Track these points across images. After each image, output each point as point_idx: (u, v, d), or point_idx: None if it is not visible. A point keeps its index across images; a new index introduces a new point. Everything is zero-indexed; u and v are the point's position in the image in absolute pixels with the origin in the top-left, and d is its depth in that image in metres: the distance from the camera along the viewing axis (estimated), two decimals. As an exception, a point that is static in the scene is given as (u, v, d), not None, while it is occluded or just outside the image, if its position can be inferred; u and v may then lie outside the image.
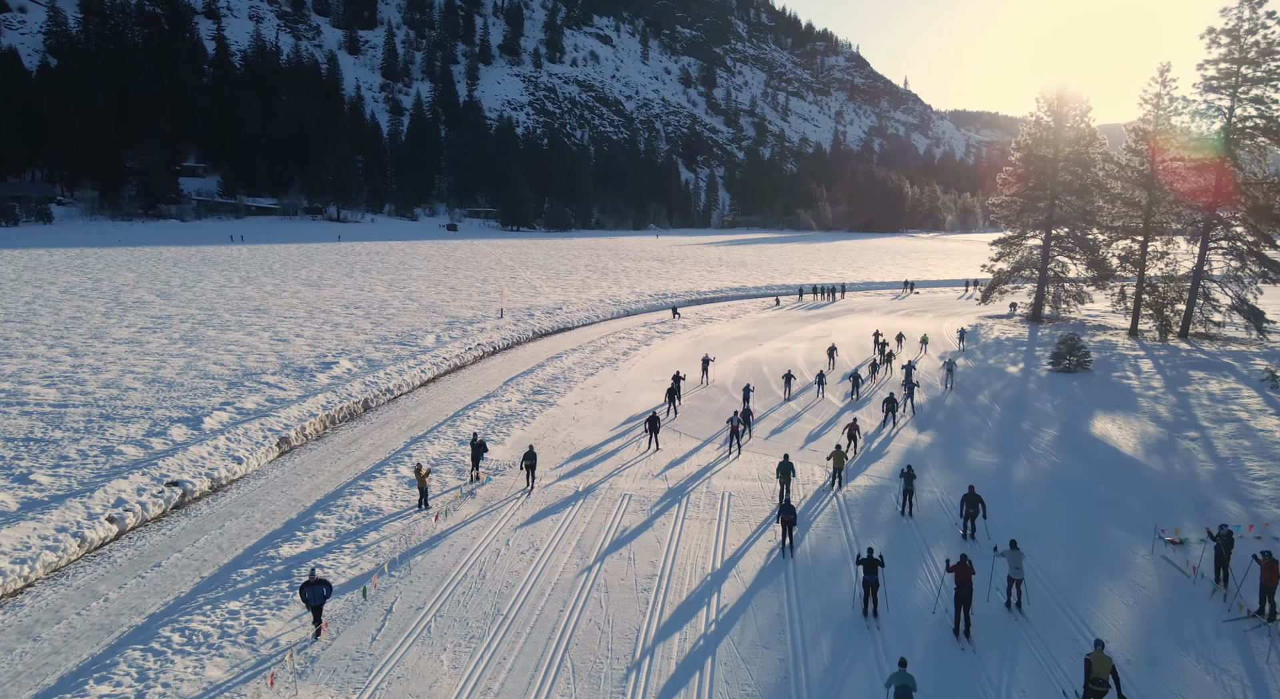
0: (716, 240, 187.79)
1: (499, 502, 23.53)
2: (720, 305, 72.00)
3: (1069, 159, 58.53)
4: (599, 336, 52.49)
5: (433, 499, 23.48)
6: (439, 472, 25.81)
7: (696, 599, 17.68)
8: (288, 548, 19.90)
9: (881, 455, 27.99)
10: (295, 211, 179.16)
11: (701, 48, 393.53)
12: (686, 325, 57.75)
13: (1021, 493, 24.17)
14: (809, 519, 22.33)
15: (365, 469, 26.34)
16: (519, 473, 25.84)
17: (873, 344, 47.99)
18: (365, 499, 23.27)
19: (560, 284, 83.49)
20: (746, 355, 45.79)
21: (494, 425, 31.31)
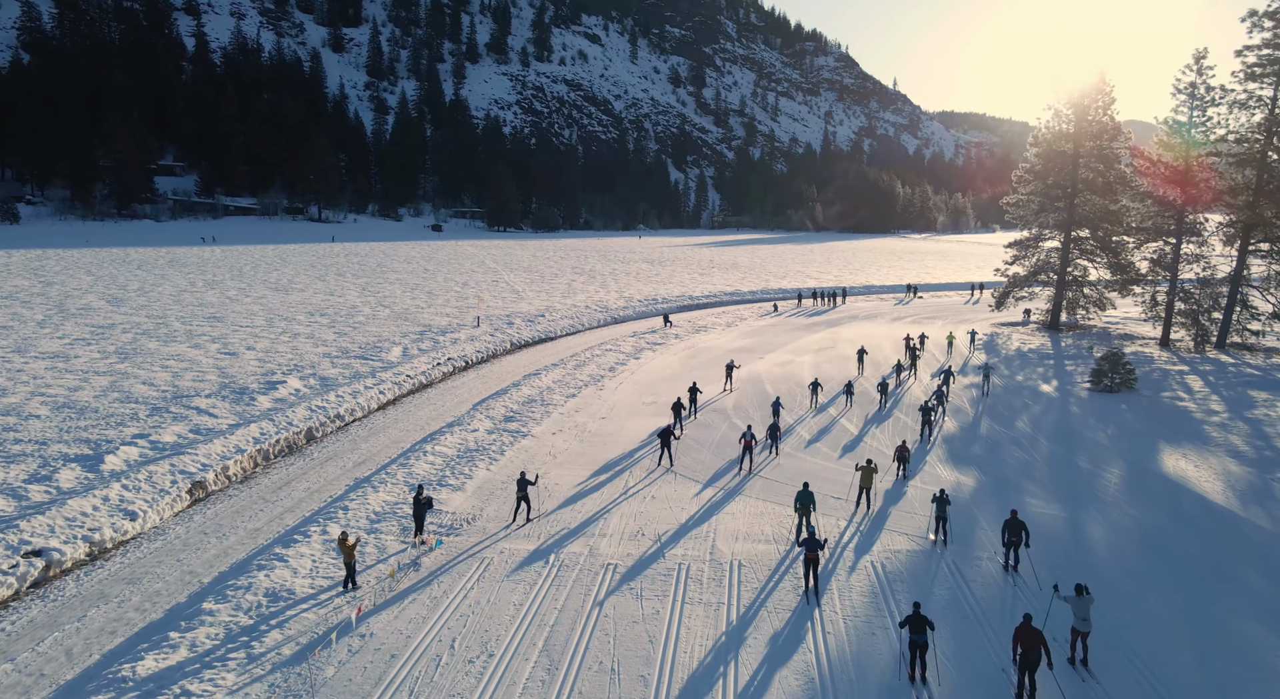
0: (707, 241, 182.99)
1: (450, 572, 18.48)
2: (714, 311, 67.05)
3: (1091, 154, 53.88)
4: (584, 348, 47.45)
5: (365, 572, 18.44)
6: (379, 532, 20.69)
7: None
8: (153, 659, 14.67)
9: (908, 494, 23.10)
10: (275, 212, 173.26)
11: (690, 47, 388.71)
12: (679, 335, 52.79)
13: (1105, 562, 19.11)
14: (831, 559, 17.52)
15: (290, 525, 21.23)
16: (482, 526, 20.89)
17: (904, 347, 45.29)
18: (277, 575, 18.09)
19: (544, 288, 78.39)
20: (748, 371, 40.81)
21: (454, 464, 26.20)
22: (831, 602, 17.10)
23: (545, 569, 18.70)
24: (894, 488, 24.27)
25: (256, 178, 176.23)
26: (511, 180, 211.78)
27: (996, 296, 59.62)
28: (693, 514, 22.13)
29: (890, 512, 22.33)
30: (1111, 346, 47.94)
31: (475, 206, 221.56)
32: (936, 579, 18.21)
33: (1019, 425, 31.07)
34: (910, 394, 36.79)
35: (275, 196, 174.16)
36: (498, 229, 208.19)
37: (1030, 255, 57.88)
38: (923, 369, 42.37)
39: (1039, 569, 18.20)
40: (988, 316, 63.11)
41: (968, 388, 37.70)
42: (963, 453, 27.79)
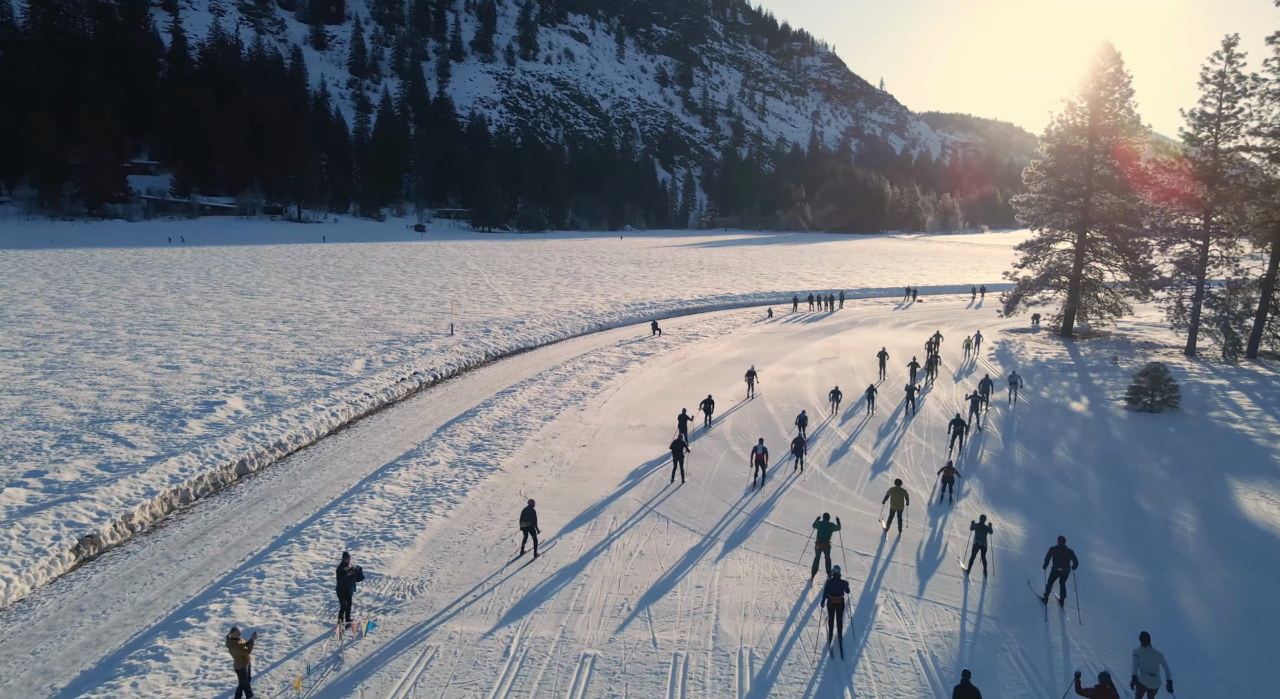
0: (695, 242, 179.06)
1: (380, 671, 14.28)
2: (705, 317, 62.96)
3: (1108, 150, 50.13)
4: (565, 360, 43.22)
5: (270, 673, 14.20)
6: (298, 611, 16.34)
7: None
8: None
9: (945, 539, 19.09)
10: (253, 211, 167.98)
11: (678, 47, 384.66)
12: (668, 344, 48.64)
13: (1212, 647, 15.07)
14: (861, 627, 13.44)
15: (190, 598, 16.94)
16: (430, 597, 16.80)
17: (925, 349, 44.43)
18: (150, 683, 13.78)
19: (526, 291, 74.11)
20: (745, 387, 36.76)
21: (405, 509, 21.94)
22: (865, 677, 13.08)
23: (504, 664, 14.50)
24: (935, 517, 20.26)
25: (234, 177, 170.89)
26: (496, 180, 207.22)
27: (1006, 301, 55.79)
28: (690, 579, 17.99)
29: (924, 557, 18.28)
30: (1134, 356, 44.24)
31: (460, 207, 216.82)
32: (983, 642, 14.18)
33: (1059, 454, 27.12)
34: (933, 403, 32.91)
35: (253, 196, 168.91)
36: (482, 229, 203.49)
37: (1041, 258, 54.11)
38: (944, 374, 38.58)
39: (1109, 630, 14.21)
40: (995, 322, 59.31)
41: (991, 405, 33.79)
42: (1001, 490, 23.82)
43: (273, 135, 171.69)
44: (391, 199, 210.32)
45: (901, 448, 28.04)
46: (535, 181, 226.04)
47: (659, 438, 28.55)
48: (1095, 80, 50.04)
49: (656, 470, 25.21)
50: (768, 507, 22.48)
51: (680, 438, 25.09)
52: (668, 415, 31.56)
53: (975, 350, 46.34)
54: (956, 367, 42.97)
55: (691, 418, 28.79)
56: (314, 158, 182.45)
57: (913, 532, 20.48)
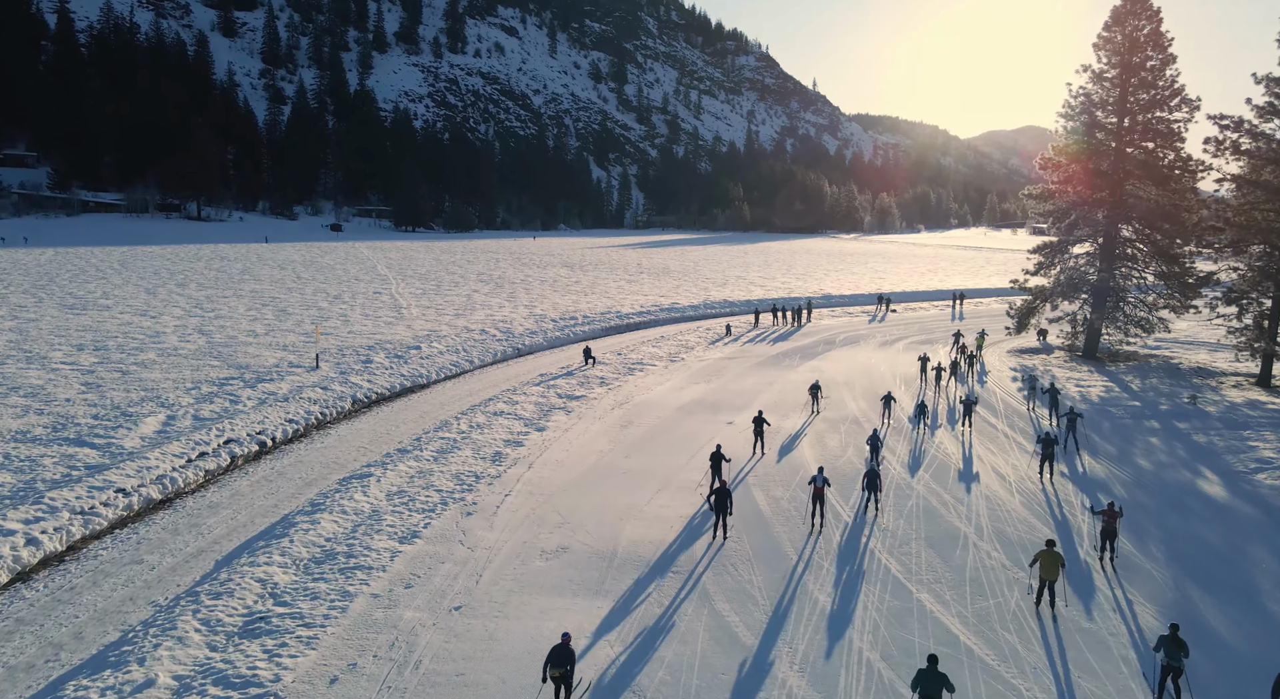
0: (632, 242, 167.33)
1: None
2: (651, 336, 51.04)
3: (1146, 129, 39.98)
4: (462, 409, 30.68)
5: None
6: None
7: None
8: None
9: None
10: (145, 208, 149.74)
11: (611, 43, 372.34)
12: (605, 379, 36.45)
13: None
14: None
15: None
16: None
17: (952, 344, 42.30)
18: None
19: (436, 303, 61.14)
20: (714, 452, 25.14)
21: None
22: None
23: None
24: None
25: (125, 171, 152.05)
26: (421, 176, 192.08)
27: (1015, 314, 45.18)
28: None
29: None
30: (1203, 390, 34.01)
31: (383, 205, 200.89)
32: None
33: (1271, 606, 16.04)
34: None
35: (147, 191, 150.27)
36: (405, 229, 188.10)
37: (1056, 262, 43.78)
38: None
39: None
40: (997, 341, 48.87)
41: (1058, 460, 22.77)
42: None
43: (170, 126, 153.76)
44: (307, 196, 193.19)
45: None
46: (463, 179, 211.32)
47: (593, 571, 16.68)
48: (1128, 41, 39.81)
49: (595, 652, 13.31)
50: (845, 616, 10.78)
51: (719, 483, 19.81)
52: (607, 515, 19.70)
53: (976, 361, 38.77)
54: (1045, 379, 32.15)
55: (729, 460, 22.24)
56: (218, 150, 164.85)
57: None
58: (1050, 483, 22.70)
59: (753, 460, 24.82)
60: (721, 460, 21.44)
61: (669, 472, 23.47)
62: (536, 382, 35.58)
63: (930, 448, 26.15)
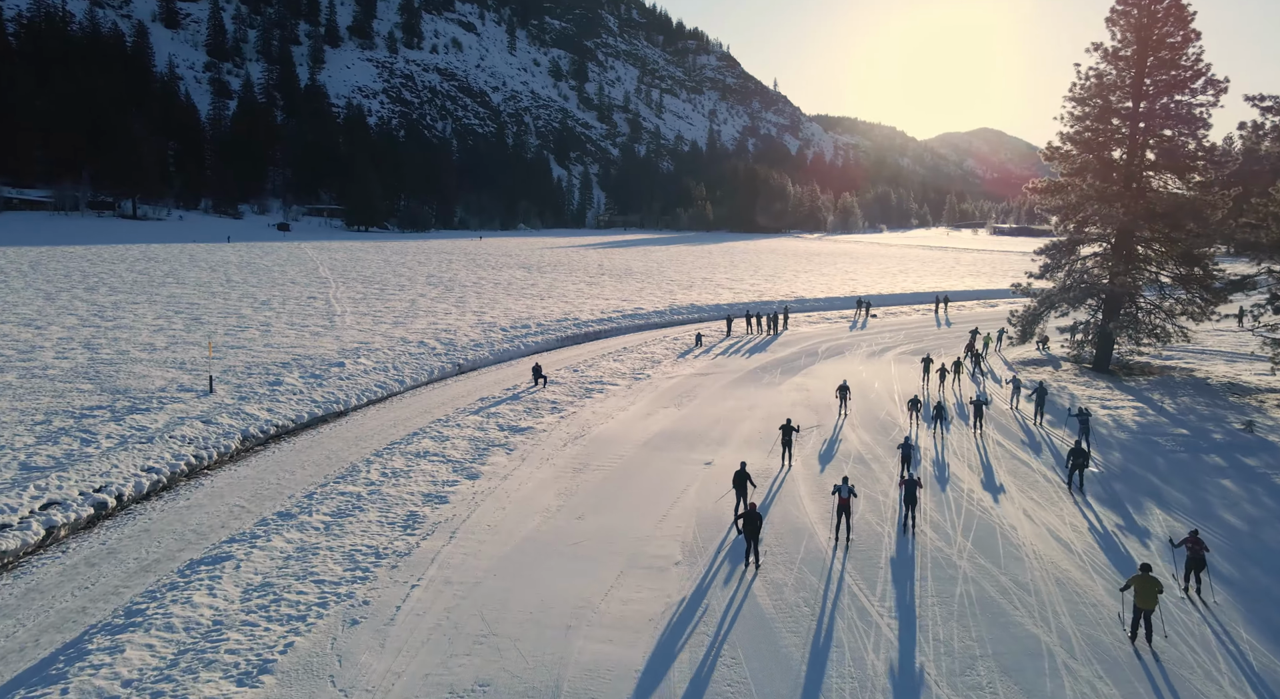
0: (594, 242, 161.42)
1: None
2: (612, 347, 45.41)
3: (1168, 115, 35.37)
4: (375, 451, 24.60)
5: None
6: None
7: None
8: None
9: None
10: (75, 206, 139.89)
11: (572, 40, 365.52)
12: (557, 404, 30.69)
13: None
14: None
15: None
16: None
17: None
18: None
19: (376, 309, 54.86)
20: (693, 516, 19.70)
21: None
22: None
23: None
24: None
25: (55, 166, 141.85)
26: (375, 174, 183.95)
27: (1018, 322, 40.22)
28: None
29: None
30: (1245, 413, 29.37)
31: (335, 203, 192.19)
32: None
33: None
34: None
35: (78, 188, 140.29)
36: (358, 229, 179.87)
37: (1064, 264, 39.03)
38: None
39: None
40: (992, 350, 44.12)
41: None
42: None
43: (105, 119, 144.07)
44: (254, 194, 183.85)
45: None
46: (420, 177, 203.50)
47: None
48: (1145, 15, 35.14)
49: None
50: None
51: (748, 506, 17.00)
52: (549, 618, 14.06)
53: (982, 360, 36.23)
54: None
55: (755, 486, 19.85)
56: (156, 145, 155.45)
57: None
58: (1119, 541, 17.60)
59: (781, 474, 21.49)
60: (747, 481, 18.89)
61: (635, 541, 17.88)
62: (475, 408, 29.68)
63: (960, 495, 20.92)
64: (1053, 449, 25.64)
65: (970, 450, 25.31)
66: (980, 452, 25.10)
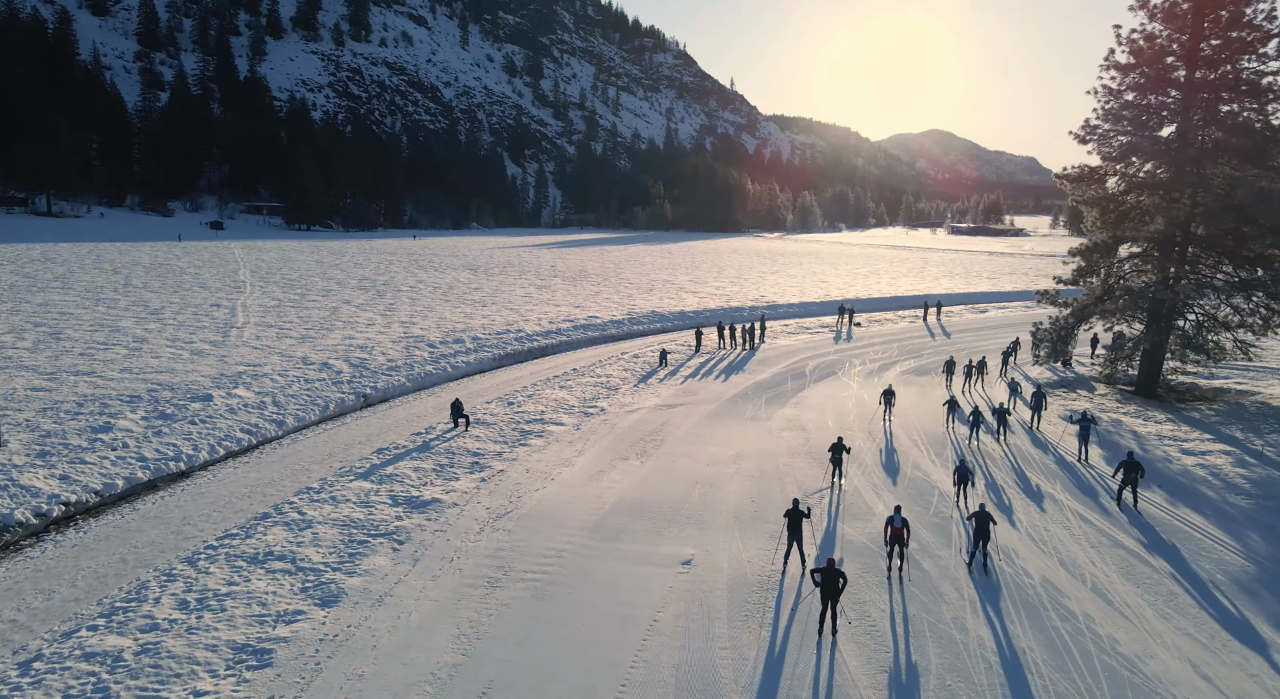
0: (548, 241, 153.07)
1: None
2: (558, 367, 37.66)
3: (1233, 87, 28.80)
4: (192, 552, 16.66)
5: None
6: None
7: None
8: None
9: None
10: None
11: (526, 36, 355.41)
12: (481, 457, 22.77)
13: None
14: None
15: None
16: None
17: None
18: None
19: (288, 319, 46.35)
20: (671, 660, 12.29)
21: None
22: None
23: None
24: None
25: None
26: (318, 170, 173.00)
27: (1046, 337, 33.32)
28: None
29: None
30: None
31: (276, 201, 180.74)
32: None
33: None
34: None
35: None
36: (298, 227, 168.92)
37: (1101, 267, 32.29)
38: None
39: None
40: (1001, 366, 37.41)
41: None
42: None
43: (18, 109, 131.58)
44: (187, 190, 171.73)
45: None
46: (367, 173, 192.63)
47: None
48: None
49: None
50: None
51: (826, 563, 13.73)
52: None
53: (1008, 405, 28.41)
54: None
55: (808, 513, 16.05)
56: (78, 138, 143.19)
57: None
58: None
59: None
60: (802, 518, 15.81)
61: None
62: (366, 467, 21.72)
63: (1034, 589, 13.75)
64: (1136, 520, 18.64)
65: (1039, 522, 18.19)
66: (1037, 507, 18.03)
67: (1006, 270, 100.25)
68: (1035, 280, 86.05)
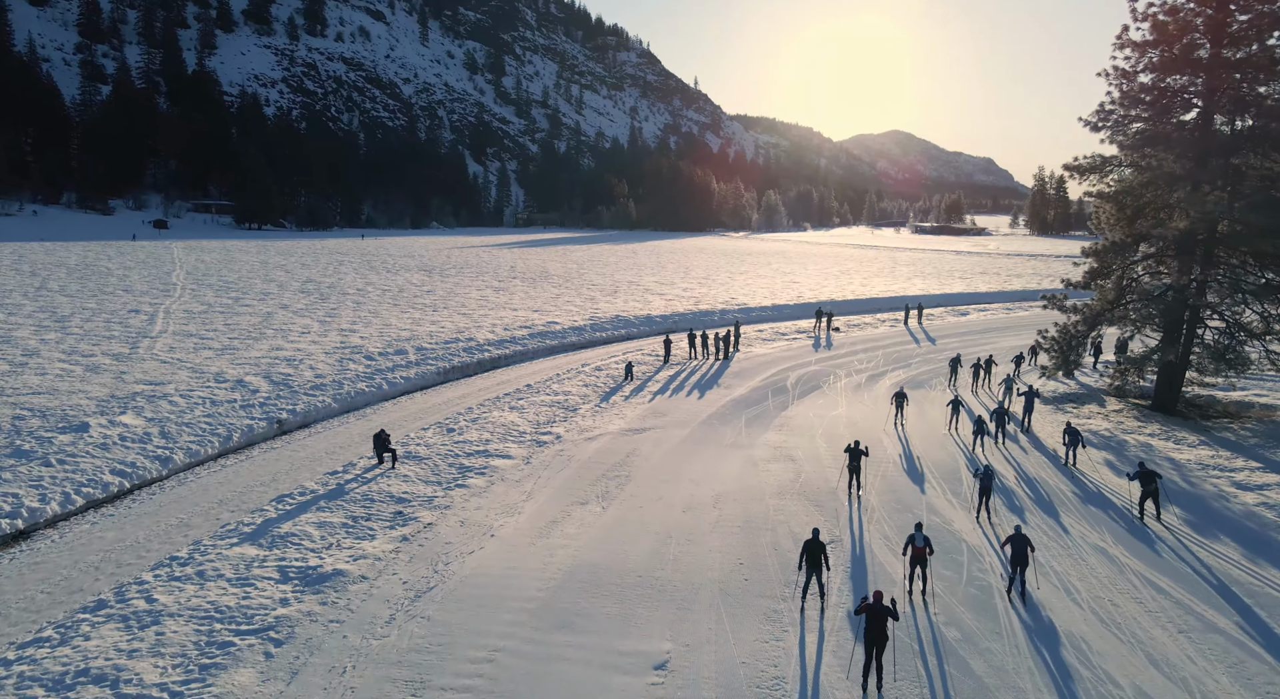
0: (510, 241, 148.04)
1: None
2: (510, 381, 33.38)
3: (1267, 68, 25.49)
4: None
5: None
6: None
7: None
8: None
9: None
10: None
11: (487, 33, 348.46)
12: (407, 505, 18.36)
13: None
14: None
15: None
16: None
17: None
18: None
19: (213, 327, 41.38)
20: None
21: None
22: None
23: None
24: None
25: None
26: (270, 167, 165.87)
27: (1054, 346, 29.80)
28: None
29: None
30: None
31: (226, 199, 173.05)
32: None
33: None
34: None
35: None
36: (248, 226, 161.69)
37: (1116, 268, 28.84)
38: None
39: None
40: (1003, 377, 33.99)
41: None
42: None
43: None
44: (130, 187, 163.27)
45: None
46: (323, 171, 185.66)
47: None
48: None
49: None
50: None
51: (871, 598, 11.85)
52: None
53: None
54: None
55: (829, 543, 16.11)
56: (9, 131, 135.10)
57: None
58: None
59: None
60: (822, 556, 13.65)
61: None
62: (255, 525, 17.20)
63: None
64: (1208, 572, 15.03)
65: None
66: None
67: (978, 270, 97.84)
68: (1008, 281, 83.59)
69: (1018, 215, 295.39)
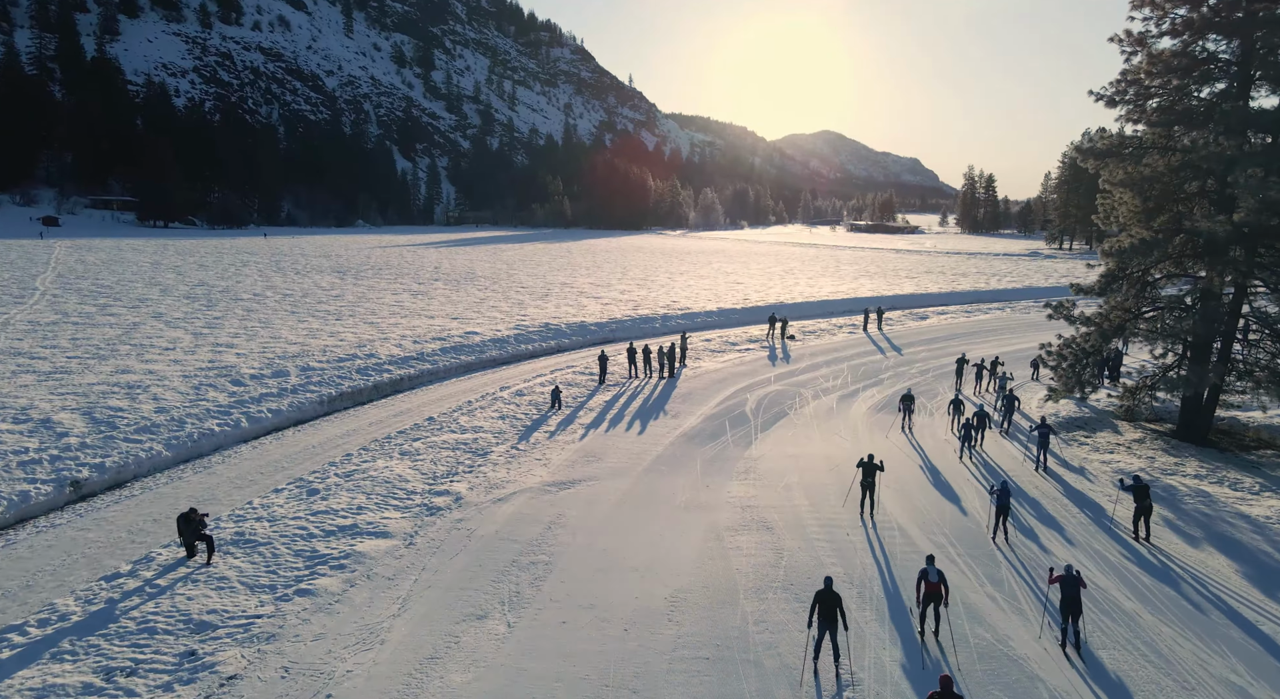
0: (438, 239, 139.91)
1: None
2: (407, 412, 27.05)
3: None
4: None
5: None
6: None
7: None
8: None
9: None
10: None
11: (416, 26, 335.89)
12: (207, 636, 12.28)
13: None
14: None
15: None
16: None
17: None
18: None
19: (54, 340, 33.81)
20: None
21: None
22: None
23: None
24: None
25: None
26: (178, 161, 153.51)
27: (1062, 363, 24.98)
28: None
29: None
30: None
31: (129, 194, 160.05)
32: None
33: None
34: None
35: None
36: (153, 224, 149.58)
37: (1134, 275, 24.15)
38: None
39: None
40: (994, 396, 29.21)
41: None
42: None
43: None
44: (22, 181, 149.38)
45: None
46: (238, 166, 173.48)
47: None
48: None
49: None
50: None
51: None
52: None
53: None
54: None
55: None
56: None
57: None
58: None
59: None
60: (838, 607, 11.69)
61: None
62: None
63: None
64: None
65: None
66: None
67: (922, 269, 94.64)
68: (955, 281, 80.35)
69: (946, 214, 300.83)
